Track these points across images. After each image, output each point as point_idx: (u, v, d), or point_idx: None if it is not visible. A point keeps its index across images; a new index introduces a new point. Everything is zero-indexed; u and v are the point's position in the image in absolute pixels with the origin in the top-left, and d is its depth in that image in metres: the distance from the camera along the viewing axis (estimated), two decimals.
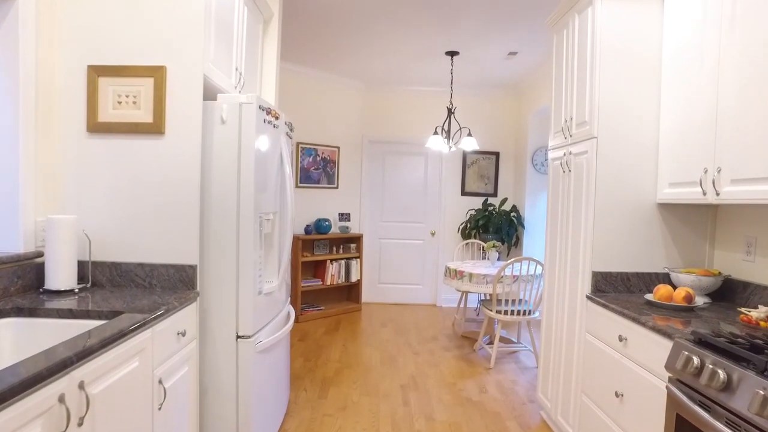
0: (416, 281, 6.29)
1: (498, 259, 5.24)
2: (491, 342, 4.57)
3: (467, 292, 4.92)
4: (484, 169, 6.20)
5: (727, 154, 1.84)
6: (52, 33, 2.03)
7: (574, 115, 2.64)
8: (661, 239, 2.39)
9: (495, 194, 6.20)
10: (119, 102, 2.05)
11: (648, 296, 2.16)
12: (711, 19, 1.96)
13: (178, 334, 1.89)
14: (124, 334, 1.45)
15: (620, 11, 2.33)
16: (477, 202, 6.21)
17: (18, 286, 1.86)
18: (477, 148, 4.82)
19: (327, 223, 5.55)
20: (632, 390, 1.90)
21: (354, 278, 5.79)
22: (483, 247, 5.59)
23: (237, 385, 2.22)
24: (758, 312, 1.76)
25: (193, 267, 2.09)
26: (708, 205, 2.39)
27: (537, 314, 4.06)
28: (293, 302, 5.26)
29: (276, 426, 2.68)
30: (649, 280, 2.39)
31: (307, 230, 5.47)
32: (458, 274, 4.35)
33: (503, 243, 5.69)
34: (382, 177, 6.24)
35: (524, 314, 4.00)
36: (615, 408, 2.03)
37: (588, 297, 2.37)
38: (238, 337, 2.21)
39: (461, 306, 5.98)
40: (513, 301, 4.25)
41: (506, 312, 4.00)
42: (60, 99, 2.05)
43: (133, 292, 1.98)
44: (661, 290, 2.07)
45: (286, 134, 2.73)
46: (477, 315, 5.76)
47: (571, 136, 2.67)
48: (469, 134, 4.68)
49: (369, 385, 3.52)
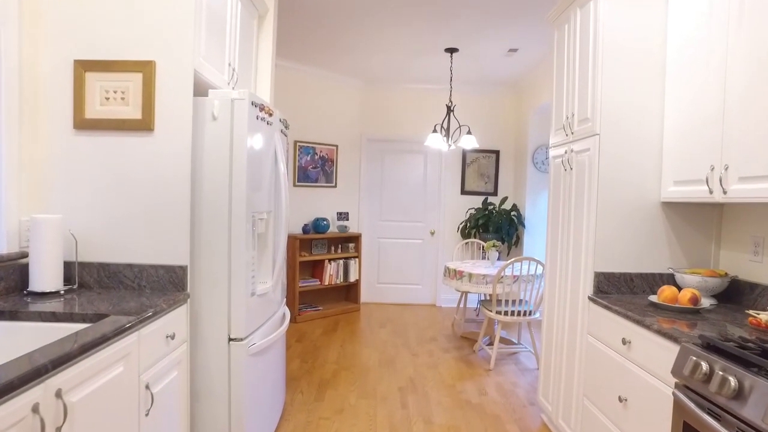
0: (415, 281, 6.23)
1: (498, 259, 5.18)
2: (491, 343, 4.51)
3: (467, 293, 4.85)
4: (484, 168, 6.14)
5: (735, 151, 1.78)
6: (37, 26, 1.97)
7: (576, 112, 2.57)
8: (665, 239, 2.33)
9: (495, 193, 6.14)
10: (107, 98, 1.99)
11: (652, 298, 2.10)
12: (718, 13, 1.89)
13: (167, 338, 1.82)
14: (107, 339, 1.38)
15: (623, 5, 2.27)
16: (477, 201, 6.15)
17: (0, 288, 1.80)
18: (477, 147, 4.75)
19: (325, 223, 5.48)
20: (636, 395, 1.83)
21: (352, 278, 5.73)
22: (483, 247, 5.53)
23: (229, 389, 2.16)
24: (767, 314, 1.69)
25: (184, 268, 2.03)
26: (713, 204, 2.33)
27: (538, 315, 4.00)
28: (291, 302, 5.20)
29: (271, 430, 2.62)
30: (653, 281, 2.33)
31: (305, 229, 5.41)
32: (458, 274, 4.28)
33: (503, 242, 5.63)
34: (381, 176, 6.18)
35: (524, 315, 3.94)
36: (618, 413, 1.97)
37: (590, 298, 2.30)
38: (231, 340, 2.15)
39: (461, 306, 5.92)
40: (513, 302, 4.19)
41: (506, 312, 3.94)
42: (45, 95, 1.99)
43: (121, 294, 1.92)
44: (666, 291, 2.01)
45: (281, 132, 2.67)
46: (477, 315, 5.70)
47: (573, 134, 2.61)
48: (469, 132, 4.62)
49: (367, 388, 3.46)
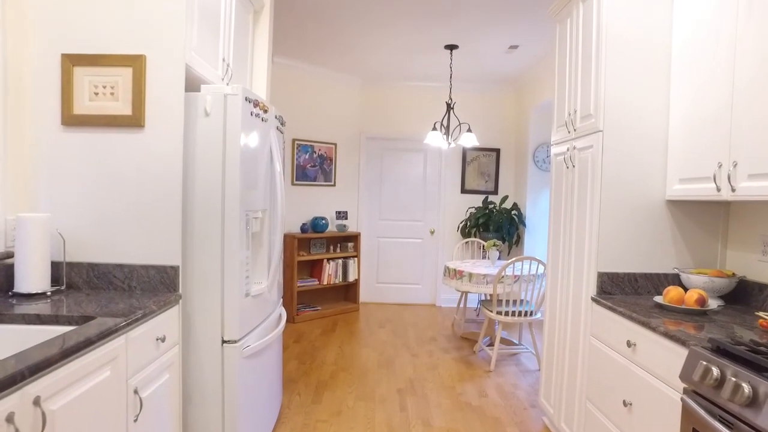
0: (415, 281, 6.17)
1: (498, 259, 5.12)
2: (491, 344, 4.45)
3: (467, 293, 4.80)
4: (485, 166, 6.07)
5: (744, 148, 1.72)
6: (23, 19, 1.91)
7: (579, 108, 2.51)
8: (671, 238, 2.27)
9: (495, 192, 6.08)
10: (96, 93, 1.93)
11: (657, 299, 2.04)
12: (726, 3, 1.83)
13: (157, 340, 1.77)
14: (92, 343, 1.33)
15: None
16: (477, 200, 6.09)
17: None
18: (477, 144, 4.69)
19: (324, 222, 5.43)
20: (642, 399, 1.78)
21: (351, 278, 5.67)
22: (483, 246, 5.47)
23: (223, 392, 2.10)
24: None
25: (175, 268, 1.97)
26: (720, 202, 2.27)
27: (539, 315, 3.94)
28: (289, 302, 5.15)
29: None
30: (658, 282, 2.27)
31: (304, 229, 5.35)
32: (458, 274, 4.23)
33: (504, 242, 5.57)
34: (380, 174, 6.12)
35: (525, 315, 3.88)
36: (623, 417, 1.91)
37: (593, 299, 2.25)
38: (224, 342, 2.09)
39: (461, 306, 5.87)
40: (514, 302, 4.13)
41: (507, 313, 3.88)
42: (32, 90, 1.93)
43: (110, 295, 1.86)
44: (672, 292, 1.95)
45: (277, 128, 2.61)
46: (477, 315, 5.64)
47: (575, 130, 2.55)
48: (469, 130, 4.56)
49: (365, 389, 3.40)
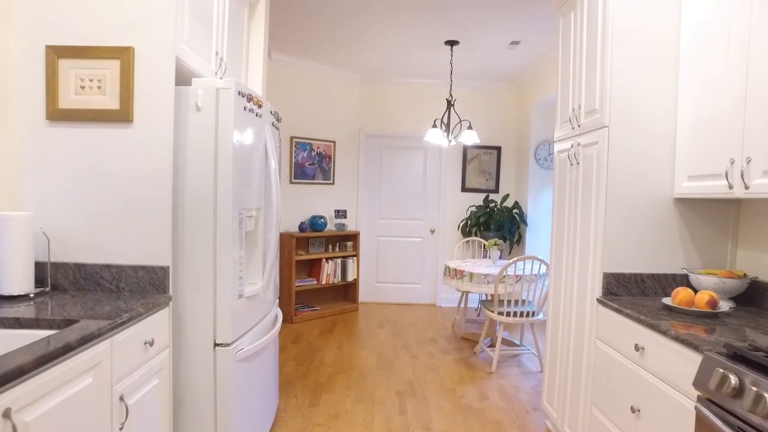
0: (415, 280, 6.09)
1: (500, 258, 5.05)
2: (492, 344, 4.37)
3: (468, 292, 4.72)
4: (485, 164, 6.00)
5: (758, 143, 1.64)
6: (5, 8, 1.83)
7: (583, 104, 2.44)
8: (678, 237, 2.20)
9: (496, 190, 6.00)
10: (82, 87, 1.85)
11: (666, 300, 1.97)
12: None
13: (145, 344, 1.69)
14: (71, 349, 1.25)
15: None
16: (478, 199, 6.01)
17: None
18: (478, 142, 4.62)
19: (322, 221, 5.35)
20: (651, 406, 1.70)
21: (350, 277, 5.60)
22: (484, 245, 5.40)
23: (215, 397, 2.03)
24: None
25: (165, 269, 1.89)
26: (731, 200, 2.19)
27: (541, 316, 3.87)
28: (287, 303, 5.07)
29: None
30: (666, 282, 2.20)
31: (302, 228, 5.28)
32: (458, 274, 4.15)
33: (505, 241, 5.50)
34: (380, 172, 6.04)
35: (527, 316, 3.80)
36: (630, 424, 1.84)
37: (599, 301, 2.17)
38: (216, 345, 2.02)
39: (461, 306, 5.79)
40: (516, 302, 4.05)
41: (508, 313, 3.81)
42: (15, 83, 1.85)
43: (97, 297, 1.79)
44: (681, 294, 1.87)
45: (272, 125, 2.54)
46: (478, 315, 5.57)
47: (580, 126, 2.47)
48: (470, 127, 4.48)
49: (364, 392, 3.33)
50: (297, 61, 5.30)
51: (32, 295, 1.75)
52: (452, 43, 4.56)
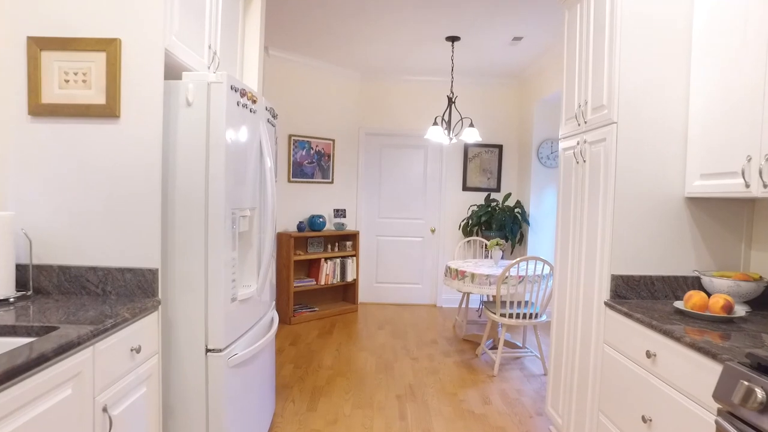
0: (415, 280, 6.01)
1: (502, 258, 4.96)
2: (494, 346, 4.29)
3: (469, 293, 4.64)
4: (487, 163, 5.91)
5: None
6: None
7: (590, 99, 2.35)
8: (690, 238, 2.11)
9: (498, 189, 5.91)
10: (66, 80, 1.76)
11: (678, 304, 1.88)
12: None
13: (132, 351, 1.61)
14: (47, 359, 1.17)
15: None
16: (479, 198, 5.92)
17: None
18: (479, 140, 4.53)
19: (321, 220, 5.26)
20: (665, 416, 1.62)
21: (350, 278, 5.51)
22: (486, 245, 5.31)
23: (207, 404, 1.95)
24: None
25: (154, 271, 1.81)
26: (745, 199, 2.11)
27: (544, 317, 3.78)
28: (285, 303, 4.99)
29: None
30: (676, 285, 2.11)
31: (300, 227, 5.19)
32: (460, 274, 4.07)
33: (507, 240, 5.41)
34: (380, 171, 5.95)
35: (530, 318, 3.72)
36: None
37: (607, 304, 2.08)
38: (208, 351, 1.93)
39: (463, 306, 5.71)
40: (518, 304, 3.96)
41: (511, 315, 3.72)
42: None
43: (82, 301, 1.70)
44: (695, 297, 1.79)
45: (268, 121, 2.45)
46: (479, 316, 5.48)
47: (586, 123, 2.39)
48: (471, 125, 4.39)
49: (363, 396, 3.25)
50: (295, 58, 5.21)
51: (12, 300, 1.66)
52: (453, 39, 4.47)
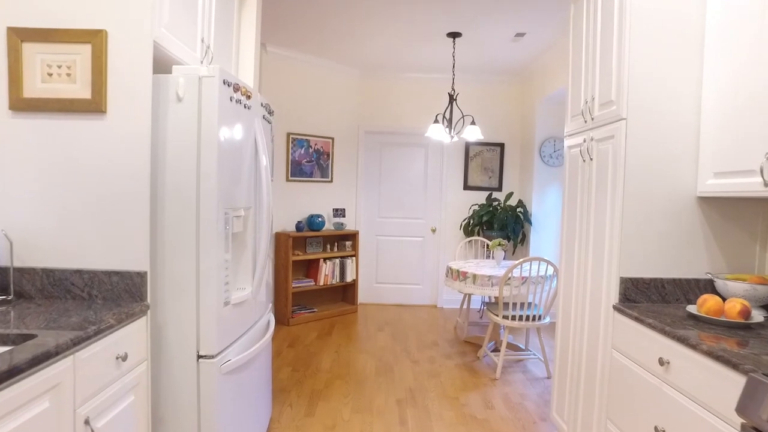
0: (416, 281, 5.92)
1: (504, 258, 4.88)
2: (496, 349, 4.21)
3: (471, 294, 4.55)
4: (488, 162, 5.82)
5: None
6: None
7: (597, 95, 2.26)
8: (702, 239, 2.03)
9: (500, 188, 5.83)
10: (49, 74, 1.68)
11: (691, 308, 1.80)
12: None
13: (117, 359, 1.53)
14: (20, 371, 1.08)
15: None
16: (481, 197, 5.84)
17: None
18: (481, 138, 4.44)
19: (320, 220, 5.18)
20: (680, 428, 1.53)
21: (349, 278, 5.43)
22: (487, 245, 5.23)
23: (199, 412, 1.86)
24: None
25: (142, 274, 1.72)
26: (760, 199, 2.02)
27: (547, 319, 3.70)
28: (283, 304, 4.91)
29: None
30: (688, 288, 2.03)
31: (299, 227, 5.10)
32: (461, 275, 3.98)
33: (509, 240, 5.32)
34: (380, 170, 5.86)
35: (533, 320, 3.63)
36: None
37: (615, 308, 2.00)
38: (200, 357, 1.85)
39: (464, 308, 5.62)
40: (521, 305, 3.88)
41: (513, 317, 3.64)
42: None
43: (66, 306, 1.62)
44: (710, 302, 1.70)
45: (263, 118, 2.36)
46: (481, 317, 5.40)
47: (593, 120, 2.30)
48: (473, 122, 4.31)
49: (362, 400, 3.16)
50: (294, 55, 5.12)
51: None
52: (454, 36, 4.39)
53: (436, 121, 4.24)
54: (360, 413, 2.98)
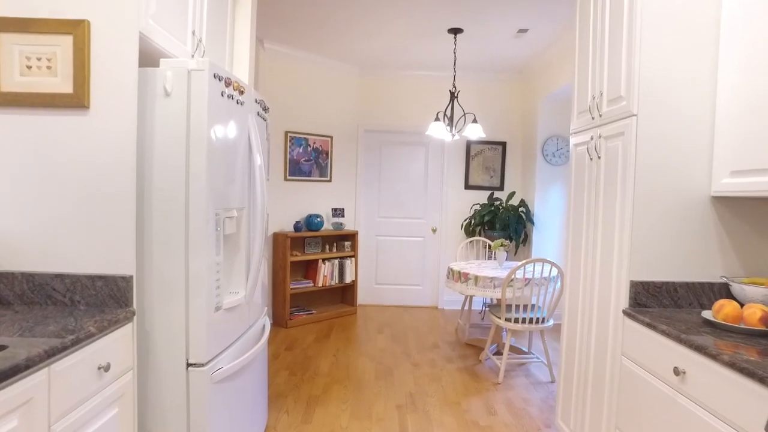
0: (416, 282, 5.83)
1: (506, 259, 4.79)
2: (499, 352, 4.12)
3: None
4: (490, 161, 5.72)
5: None
6: None
7: (605, 90, 2.17)
8: (716, 241, 1.93)
9: (501, 188, 5.73)
10: (29, 66, 1.59)
11: (706, 314, 1.71)
12: None
13: (99, 369, 1.43)
14: None
15: None
16: (482, 196, 5.74)
17: None
18: (483, 136, 4.34)
19: (319, 220, 5.09)
20: None
21: (348, 279, 5.34)
22: (489, 246, 5.14)
23: (188, 423, 1.77)
24: None
25: (128, 278, 1.63)
26: None
27: (551, 322, 3.61)
28: (281, 306, 4.82)
29: None
30: (701, 292, 1.93)
31: (297, 227, 5.01)
32: (462, 277, 3.89)
33: (511, 241, 5.23)
34: (379, 169, 5.77)
35: (537, 322, 3.54)
36: None
37: (626, 313, 1.91)
38: (189, 365, 1.76)
39: (465, 309, 5.53)
40: (524, 307, 3.79)
41: (516, 320, 3.54)
42: None
43: (46, 313, 1.53)
44: (727, 308, 1.61)
45: (258, 114, 2.27)
46: (482, 319, 5.31)
47: (601, 116, 2.21)
48: (474, 120, 4.21)
49: (361, 406, 3.07)
50: (292, 52, 5.03)
51: None
52: (456, 32, 4.29)
53: (437, 119, 4.15)
54: (359, 420, 2.89)
